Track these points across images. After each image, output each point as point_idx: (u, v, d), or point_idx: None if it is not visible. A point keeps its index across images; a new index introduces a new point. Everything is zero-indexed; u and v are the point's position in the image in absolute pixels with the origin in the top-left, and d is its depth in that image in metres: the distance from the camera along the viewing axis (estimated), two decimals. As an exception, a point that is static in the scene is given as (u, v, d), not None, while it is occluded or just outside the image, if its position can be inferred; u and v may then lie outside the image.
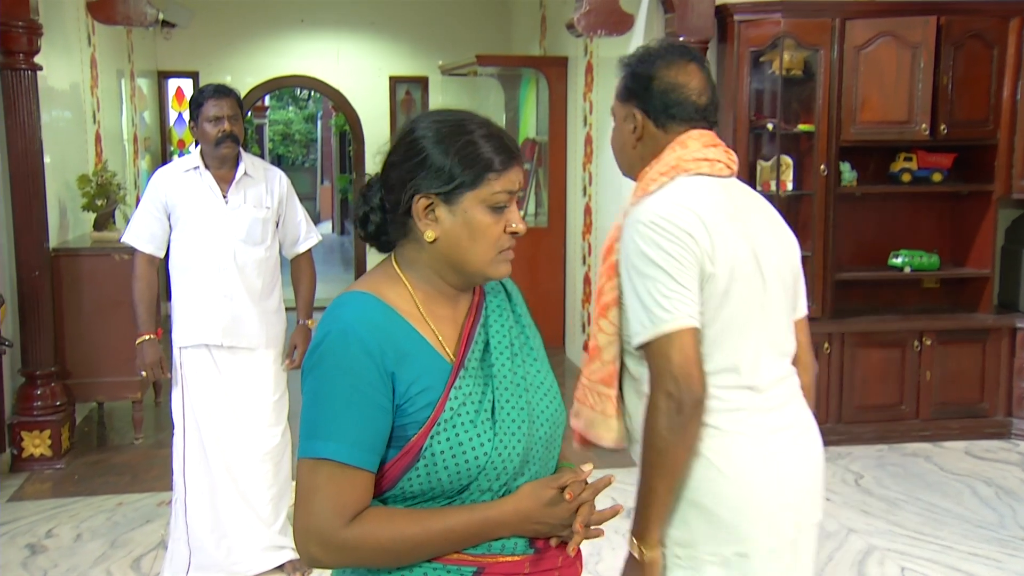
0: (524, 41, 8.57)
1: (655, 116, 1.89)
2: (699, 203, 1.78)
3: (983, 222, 5.31)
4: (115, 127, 7.12)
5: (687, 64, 1.89)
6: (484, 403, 1.42)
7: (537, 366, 1.53)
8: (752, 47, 4.97)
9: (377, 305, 1.42)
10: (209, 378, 3.46)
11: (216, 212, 3.43)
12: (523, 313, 1.59)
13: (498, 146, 1.42)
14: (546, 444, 1.48)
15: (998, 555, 3.84)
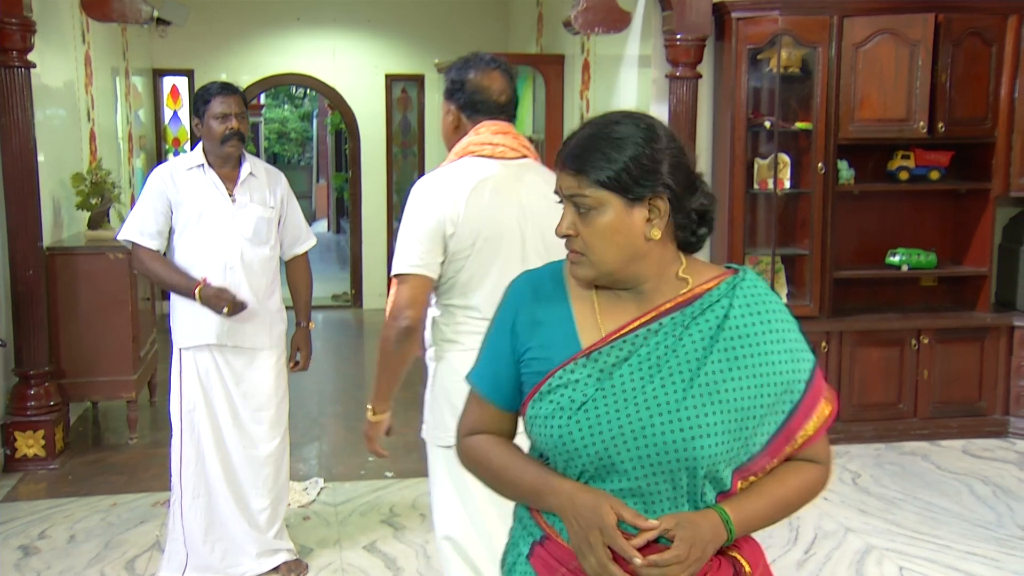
0: (521, 39, 8.54)
1: (466, 111, 2.44)
2: (461, 178, 2.35)
3: (981, 220, 5.30)
4: (110, 125, 7.09)
5: (492, 71, 2.44)
6: (584, 395, 1.46)
7: (695, 396, 1.43)
8: (750, 45, 4.95)
9: (555, 274, 1.56)
10: (210, 380, 3.43)
11: (223, 211, 3.39)
12: (727, 340, 1.46)
13: (564, 142, 1.50)
14: (655, 465, 1.43)
15: (996, 554, 3.82)
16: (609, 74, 6.12)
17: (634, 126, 1.45)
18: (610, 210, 1.44)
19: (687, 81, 4.96)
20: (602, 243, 1.45)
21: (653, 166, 1.43)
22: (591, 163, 1.44)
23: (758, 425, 1.47)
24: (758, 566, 1.55)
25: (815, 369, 1.51)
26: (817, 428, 1.52)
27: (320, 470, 4.79)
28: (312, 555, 3.80)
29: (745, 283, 1.50)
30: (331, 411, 5.93)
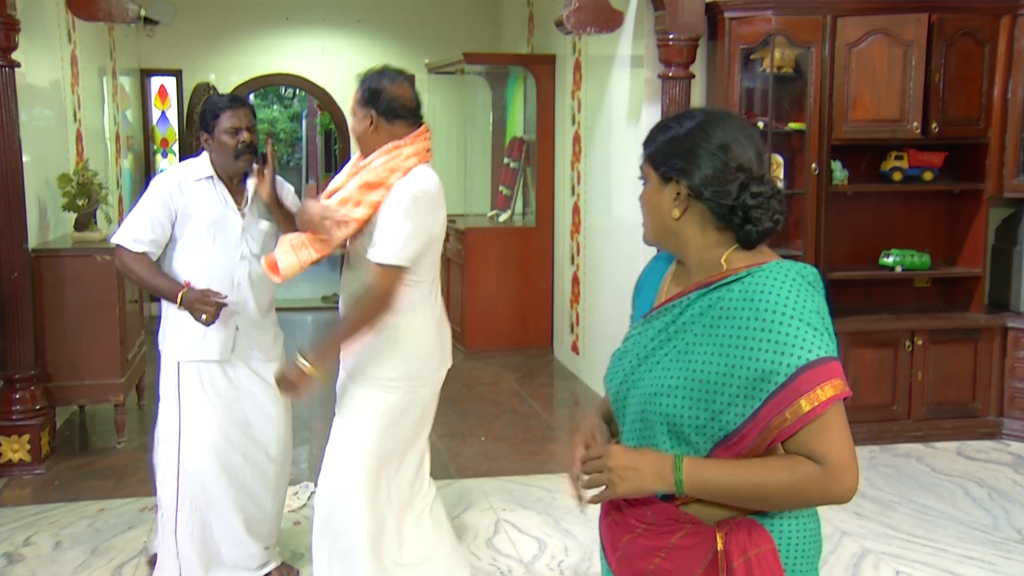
0: (512, 39, 8.50)
1: (386, 116, 2.91)
2: (435, 186, 2.93)
3: (974, 221, 5.29)
4: (97, 126, 7.01)
5: (403, 82, 2.95)
6: (623, 348, 1.73)
7: (665, 357, 1.63)
8: (743, 44, 4.93)
9: (670, 256, 1.77)
10: (215, 393, 3.35)
11: (234, 226, 3.33)
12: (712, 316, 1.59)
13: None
14: (640, 415, 1.65)
15: (992, 558, 3.80)
16: (601, 74, 6.08)
17: (691, 118, 1.64)
18: (650, 184, 1.68)
19: (680, 81, 4.93)
20: (645, 211, 1.70)
21: (684, 152, 1.61)
22: (647, 142, 1.68)
23: (728, 403, 1.54)
24: (743, 552, 1.55)
25: (808, 368, 1.51)
26: (794, 420, 1.51)
27: (311, 474, 4.74)
28: (303, 560, 3.75)
29: (762, 273, 1.58)
30: (321, 414, 5.86)
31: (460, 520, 4.15)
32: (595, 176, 6.31)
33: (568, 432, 5.61)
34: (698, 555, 1.59)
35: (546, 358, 7.24)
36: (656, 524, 1.62)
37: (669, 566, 1.62)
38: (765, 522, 1.60)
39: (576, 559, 3.79)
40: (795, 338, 1.51)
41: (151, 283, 3.30)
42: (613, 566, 1.72)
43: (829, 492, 1.52)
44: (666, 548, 1.61)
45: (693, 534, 1.59)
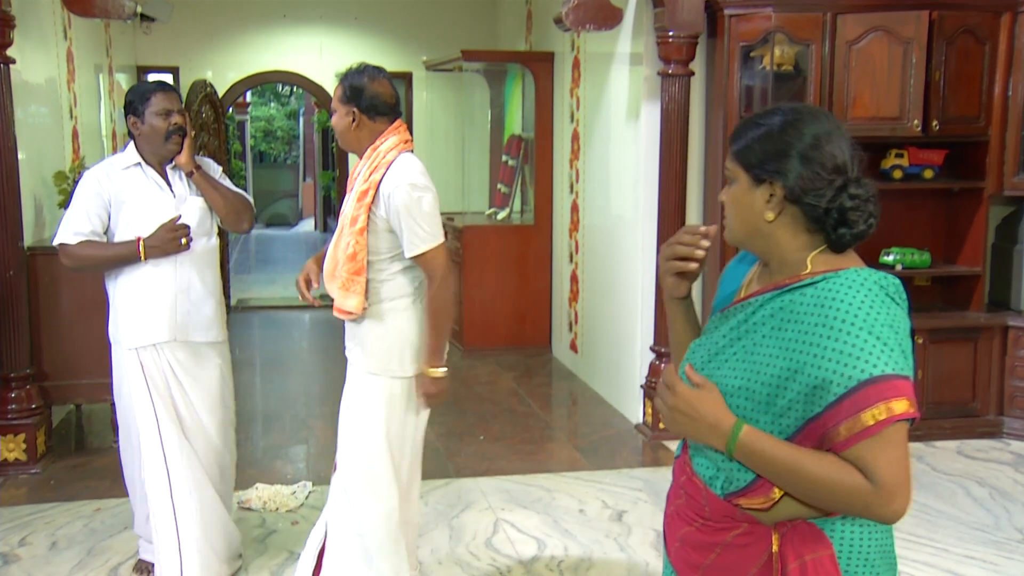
0: (510, 36, 8.47)
1: (368, 113, 2.98)
2: (422, 170, 2.98)
3: (975, 219, 5.27)
4: (93, 123, 6.98)
5: (382, 79, 3.01)
6: (700, 341, 1.72)
7: (730, 357, 1.63)
8: (743, 42, 4.90)
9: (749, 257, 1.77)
10: (167, 377, 3.38)
11: (167, 206, 3.38)
12: (782, 319, 1.58)
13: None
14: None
15: (994, 558, 3.78)
16: (600, 72, 6.05)
17: (783, 115, 1.59)
18: (739, 184, 1.62)
19: (679, 79, 4.91)
20: (732, 211, 1.64)
21: (778, 152, 1.57)
22: (734, 140, 1.63)
23: (788, 407, 1.53)
24: (799, 556, 1.53)
25: (867, 384, 1.46)
26: (847, 437, 1.47)
27: (308, 473, 4.72)
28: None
29: (835, 279, 1.55)
30: (319, 412, 5.85)
31: (458, 520, 4.13)
32: (594, 174, 6.29)
33: (567, 432, 5.59)
34: (752, 555, 1.58)
35: (544, 357, 7.22)
36: (712, 520, 1.62)
37: (724, 562, 1.62)
38: (825, 527, 1.56)
39: (575, 559, 3.77)
40: (860, 350, 1.46)
41: (107, 255, 3.32)
42: (671, 555, 1.72)
43: (873, 509, 1.48)
44: (721, 545, 1.61)
45: (748, 533, 1.59)
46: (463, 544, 3.90)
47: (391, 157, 2.96)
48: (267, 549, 3.83)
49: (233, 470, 3.63)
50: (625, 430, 5.39)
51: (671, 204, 5.03)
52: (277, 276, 11.68)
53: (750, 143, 1.59)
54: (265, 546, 3.86)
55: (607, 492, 4.46)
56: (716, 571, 1.63)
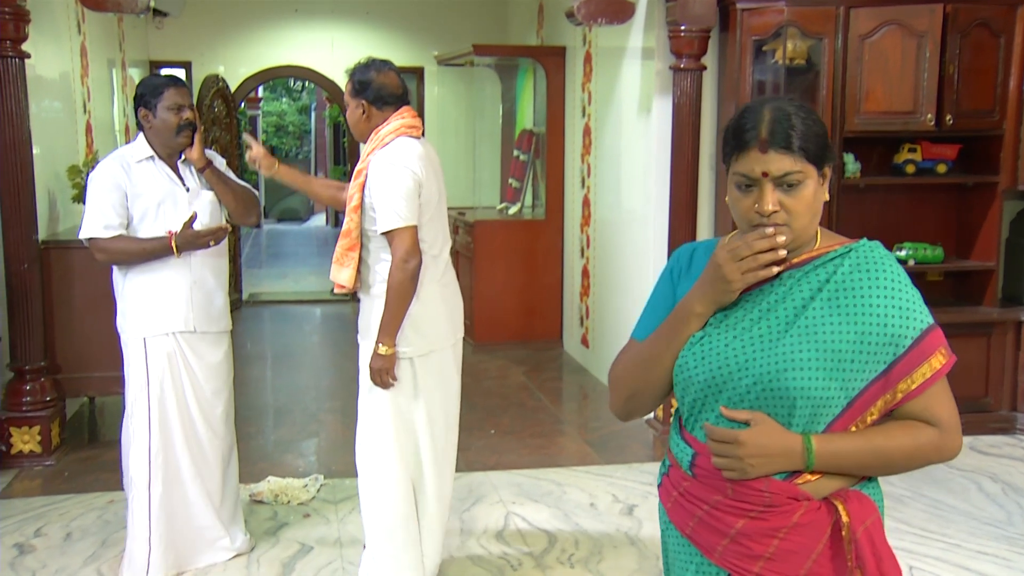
0: (521, 31, 8.47)
1: (376, 104, 3.14)
2: (414, 151, 3.10)
3: (988, 214, 5.24)
4: (106, 117, 7.01)
5: (388, 71, 3.18)
6: (704, 332, 1.68)
7: (792, 335, 1.62)
8: (755, 36, 4.88)
9: (710, 244, 1.78)
10: (178, 366, 3.46)
11: (182, 199, 3.46)
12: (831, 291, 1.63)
13: (747, 128, 1.62)
14: (752, 394, 1.62)
15: (1007, 553, 3.77)
16: (611, 66, 6.04)
17: (802, 106, 1.64)
18: (811, 181, 1.62)
19: (691, 73, 4.90)
20: (807, 213, 1.62)
21: (824, 136, 1.64)
22: (797, 140, 1.59)
23: (857, 371, 1.60)
24: (862, 522, 1.60)
25: (930, 331, 1.62)
26: (920, 383, 1.61)
27: (319, 467, 4.74)
28: (312, 553, 3.75)
29: (862, 248, 1.67)
30: (329, 407, 5.87)
31: (470, 513, 4.14)
32: (605, 169, 6.28)
33: (577, 426, 5.59)
34: (818, 531, 1.61)
35: (555, 351, 7.22)
36: (775, 505, 1.61)
37: (789, 546, 1.61)
38: (865, 490, 1.66)
39: (586, 552, 3.77)
40: (913, 303, 1.62)
41: (143, 249, 3.40)
42: (716, 558, 1.67)
43: (944, 452, 1.64)
44: (786, 528, 1.61)
45: (812, 510, 1.61)
46: (474, 537, 3.91)
47: (388, 140, 3.12)
48: (279, 542, 3.85)
49: (236, 454, 3.72)
50: (635, 425, 5.38)
51: (682, 199, 5.02)
52: (288, 271, 11.70)
53: (806, 138, 1.60)
54: (277, 538, 3.88)
55: (617, 486, 4.46)
56: (781, 557, 1.62)
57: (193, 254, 3.44)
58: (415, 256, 3.05)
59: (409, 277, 3.04)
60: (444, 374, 3.31)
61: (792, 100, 1.66)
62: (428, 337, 3.20)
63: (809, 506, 1.60)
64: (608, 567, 3.65)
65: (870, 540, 1.60)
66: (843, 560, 1.60)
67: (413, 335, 3.15)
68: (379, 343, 3.08)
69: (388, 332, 3.08)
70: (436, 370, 3.27)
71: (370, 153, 3.15)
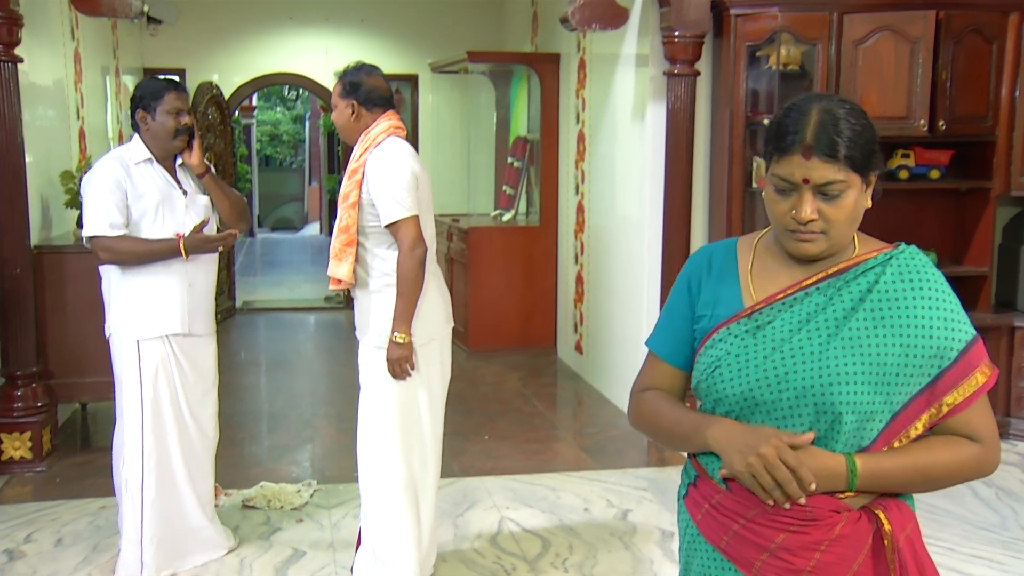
0: (516, 38, 8.48)
1: (366, 105, 3.25)
2: (408, 151, 3.22)
3: (981, 219, 5.25)
4: (100, 124, 7.00)
5: (377, 75, 3.30)
6: (738, 347, 1.61)
7: (835, 347, 1.56)
8: (749, 41, 4.90)
9: (729, 244, 1.74)
10: (170, 369, 3.48)
11: (179, 203, 3.50)
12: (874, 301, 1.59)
13: (790, 130, 1.56)
14: (796, 409, 1.57)
15: (1001, 557, 3.77)
16: (605, 72, 6.05)
17: (852, 108, 1.57)
18: (853, 190, 1.56)
19: (685, 78, 4.91)
20: (848, 221, 1.57)
21: (872, 143, 1.57)
22: (844, 148, 1.53)
23: (903, 384, 1.56)
24: (903, 530, 1.58)
25: (974, 343, 1.59)
26: (966, 397, 1.58)
27: (313, 472, 4.71)
28: (306, 558, 3.73)
29: (902, 255, 1.62)
30: (324, 412, 5.85)
31: (463, 518, 4.12)
32: (599, 175, 6.29)
33: (572, 432, 5.58)
34: (860, 541, 1.57)
35: (550, 358, 7.21)
36: (817, 519, 1.56)
37: (830, 558, 1.57)
38: (902, 497, 1.63)
39: (581, 557, 3.76)
40: (958, 315, 1.59)
41: (150, 251, 3.41)
42: (753, 573, 1.61)
43: (984, 468, 1.62)
44: (828, 541, 1.56)
45: (852, 521, 1.57)
46: (468, 542, 3.89)
47: (380, 139, 3.21)
48: (272, 546, 3.83)
49: (214, 452, 3.74)
50: (630, 430, 5.36)
51: (677, 204, 5.03)
52: (282, 279, 11.69)
53: (853, 145, 1.53)
54: (270, 543, 3.86)
55: (612, 491, 4.45)
56: (823, 570, 1.57)
57: (192, 257, 3.47)
58: (421, 244, 3.14)
59: (418, 263, 3.13)
60: (443, 363, 3.39)
61: (844, 101, 1.58)
62: (429, 326, 3.28)
63: (850, 517, 1.57)
64: (602, 571, 3.64)
65: (912, 548, 1.58)
66: (885, 569, 1.57)
67: (416, 324, 3.22)
68: (395, 332, 3.14)
69: (404, 320, 3.15)
70: (436, 359, 3.34)
71: (364, 152, 3.22)
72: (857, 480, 1.55)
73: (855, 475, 1.55)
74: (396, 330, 3.15)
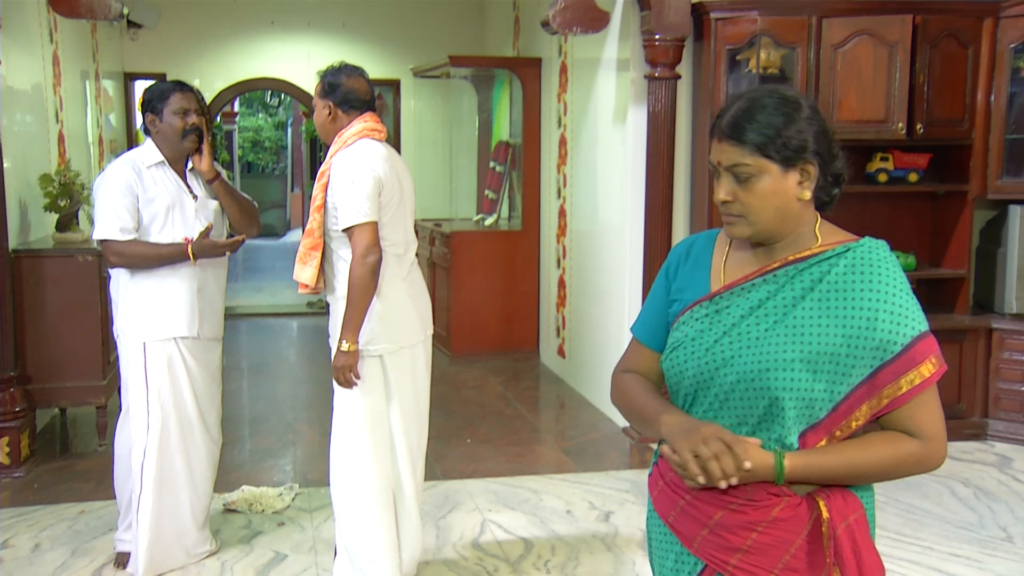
0: (497, 43, 8.50)
1: (343, 106, 3.21)
2: (375, 152, 3.15)
3: (959, 222, 5.30)
4: (79, 128, 6.96)
5: (358, 77, 3.25)
6: (696, 330, 1.68)
7: (778, 334, 1.61)
8: (729, 45, 4.93)
9: (710, 234, 1.79)
10: (177, 371, 3.48)
11: (189, 207, 3.50)
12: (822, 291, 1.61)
13: (719, 116, 1.65)
14: (735, 391, 1.63)
15: (979, 555, 3.80)
16: (587, 77, 6.07)
17: (782, 99, 1.61)
18: (768, 176, 1.60)
19: (666, 82, 4.93)
20: (762, 205, 1.61)
21: (803, 135, 1.59)
22: (751, 134, 1.59)
23: (844, 373, 1.58)
24: (843, 518, 1.59)
25: (922, 338, 1.59)
26: (906, 391, 1.57)
27: (295, 476, 4.70)
28: (287, 561, 3.71)
29: (861, 248, 1.64)
30: (305, 417, 5.83)
31: (445, 520, 4.11)
32: (581, 179, 6.30)
33: (554, 435, 5.58)
34: (798, 526, 1.60)
35: (532, 362, 7.22)
36: (754, 499, 1.61)
37: (767, 539, 1.61)
38: (852, 490, 1.64)
39: (563, 558, 3.76)
40: (908, 309, 1.58)
41: (159, 255, 3.42)
42: (695, 548, 1.67)
43: (925, 464, 1.61)
44: (764, 522, 1.60)
45: (792, 505, 1.60)
46: (450, 544, 3.88)
47: (351, 141, 3.16)
48: (253, 549, 3.81)
49: (218, 456, 3.74)
50: (612, 433, 5.39)
51: (658, 207, 5.04)
52: (264, 285, 11.65)
53: (771, 133, 1.58)
54: (251, 547, 3.84)
55: (594, 493, 4.45)
56: (758, 550, 1.61)
57: (199, 262, 3.47)
58: (374, 252, 3.06)
59: (369, 272, 3.05)
60: (415, 371, 3.34)
61: (785, 94, 1.62)
62: (397, 334, 3.24)
63: (789, 501, 1.60)
64: (584, 572, 3.64)
65: (851, 537, 1.59)
66: (820, 555, 1.59)
67: (383, 332, 3.18)
68: (342, 340, 3.09)
69: (351, 329, 3.08)
70: (407, 367, 3.30)
71: (333, 155, 3.18)
72: (784, 477, 1.58)
73: (782, 471, 1.58)
74: (343, 337, 3.08)
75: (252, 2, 8.91)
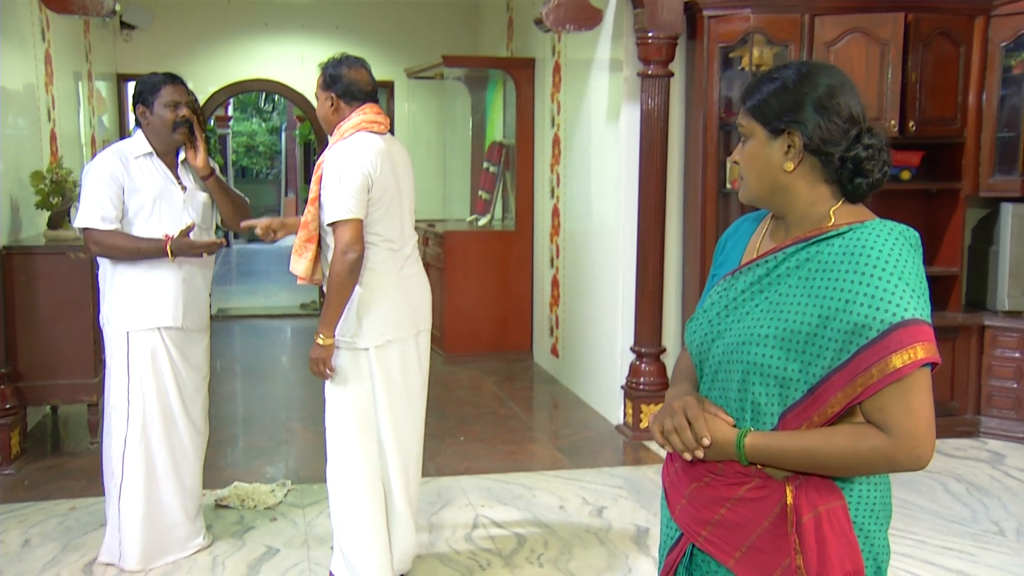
0: (491, 44, 8.51)
1: (344, 98, 3.18)
2: (369, 146, 3.11)
3: (951, 220, 5.31)
4: (72, 129, 6.94)
5: (360, 67, 3.23)
6: (710, 302, 1.73)
7: (760, 309, 1.62)
8: (722, 43, 4.94)
9: (759, 214, 1.80)
10: (160, 362, 3.47)
11: (177, 198, 3.49)
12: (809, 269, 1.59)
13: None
14: (721, 364, 1.66)
15: (971, 549, 3.80)
16: (580, 76, 6.08)
17: (795, 68, 1.62)
18: (756, 139, 1.64)
19: (659, 79, 4.94)
20: (749, 168, 1.65)
21: (794, 103, 1.59)
22: (748, 95, 1.65)
23: (818, 354, 1.53)
24: (813, 508, 1.56)
25: (902, 326, 1.48)
26: (875, 381, 1.48)
27: (288, 473, 4.68)
28: (279, 556, 3.70)
29: (863, 228, 1.57)
30: (298, 416, 5.81)
31: (438, 516, 4.10)
32: (575, 179, 6.31)
33: (548, 433, 5.57)
34: (765, 508, 1.60)
35: (526, 362, 7.21)
36: (724, 476, 1.63)
37: (734, 517, 1.62)
38: (837, 481, 1.59)
39: (556, 552, 3.75)
40: (892, 295, 1.49)
41: (138, 248, 3.40)
42: (675, 514, 1.72)
43: (897, 462, 1.52)
44: (732, 499, 1.62)
45: (761, 487, 1.60)
46: (443, 539, 3.87)
47: (348, 135, 3.15)
48: (245, 544, 3.80)
49: (204, 448, 3.72)
50: (606, 431, 5.38)
51: (651, 206, 5.05)
52: (258, 287, 11.63)
53: (765, 97, 1.62)
54: (243, 541, 3.82)
55: (588, 489, 4.44)
56: (726, 526, 1.63)
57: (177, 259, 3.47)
58: (355, 249, 3.04)
59: (348, 269, 3.04)
60: (406, 364, 3.29)
61: (806, 65, 1.63)
62: (385, 327, 3.20)
63: (759, 483, 1.60)
64: (577, 566, 3.63)
65: (817, 526, 1.56)
66: (787, 541, 1.57)
67: (370, 325, 3.16)
68: (318, 333, 3.09)
69: (327, 322, 3.10)
70: (396, 361, 3.25)
71: (329, 149, 3.18)
72: (744, 455, 1.59)
73: (742, 450, 1.58)
74: (319, 331, 3.09)
75: (246, 4, 8.90)
